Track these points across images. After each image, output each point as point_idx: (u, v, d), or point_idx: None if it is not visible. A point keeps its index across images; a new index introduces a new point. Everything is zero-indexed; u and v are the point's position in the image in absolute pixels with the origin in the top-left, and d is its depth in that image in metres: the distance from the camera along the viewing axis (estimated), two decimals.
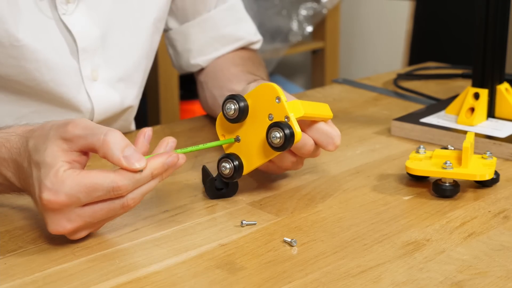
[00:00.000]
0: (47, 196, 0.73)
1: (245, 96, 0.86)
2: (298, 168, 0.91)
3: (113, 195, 0.74)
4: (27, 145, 0.77)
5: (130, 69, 1.10)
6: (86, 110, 1.05)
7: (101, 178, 0.73)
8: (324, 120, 0.88)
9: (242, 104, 0.85)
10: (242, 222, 0.82)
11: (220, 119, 0.88)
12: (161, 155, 0.76)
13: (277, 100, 0.84)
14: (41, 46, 0.99)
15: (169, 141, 0.80)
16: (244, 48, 1.23)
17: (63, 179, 0.73)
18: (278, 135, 0.82)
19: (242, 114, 0.85)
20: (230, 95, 0.86)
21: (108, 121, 1.10)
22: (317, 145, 0.88)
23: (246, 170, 0.87)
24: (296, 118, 0.84)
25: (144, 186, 0.75)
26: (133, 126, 1.17)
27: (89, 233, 0.78)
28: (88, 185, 0.73)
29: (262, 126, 0.85)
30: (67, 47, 1.02)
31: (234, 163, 0.86)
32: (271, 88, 0.85)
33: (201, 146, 0.84)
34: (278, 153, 0.85)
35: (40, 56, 0.99)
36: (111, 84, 1.08)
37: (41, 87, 1.01)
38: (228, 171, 0.86)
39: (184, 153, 0.80)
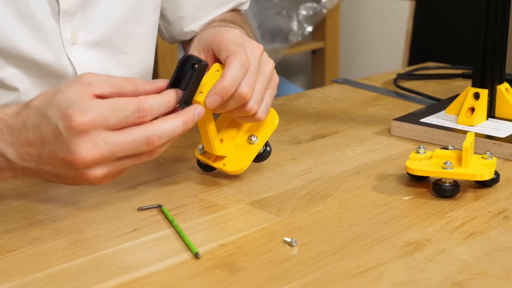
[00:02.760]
0: (74, 117, 0.73)
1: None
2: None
3: (138, 117, 0.75)
4: (28, 105, 0.76)
5: (109, 33, 1.08)
6: (68, 75, 1.04)
7: (126, 99, 0.75)
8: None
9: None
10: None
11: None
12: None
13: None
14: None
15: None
16: (233, 10, 1.23)
17: (90, 103, 0.73)
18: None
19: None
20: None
21: None
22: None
23: (239, 169, 0.92)
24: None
25: (167, 124, 0.76)
26: None
27: (112, 179, 0.78)
28: (115, 104, 0.74)
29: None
30: (48, 8, 1.00)
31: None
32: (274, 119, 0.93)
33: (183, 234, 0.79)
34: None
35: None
36: (90, 48, 1.06)
37: (27, 51, 0.99)
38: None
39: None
